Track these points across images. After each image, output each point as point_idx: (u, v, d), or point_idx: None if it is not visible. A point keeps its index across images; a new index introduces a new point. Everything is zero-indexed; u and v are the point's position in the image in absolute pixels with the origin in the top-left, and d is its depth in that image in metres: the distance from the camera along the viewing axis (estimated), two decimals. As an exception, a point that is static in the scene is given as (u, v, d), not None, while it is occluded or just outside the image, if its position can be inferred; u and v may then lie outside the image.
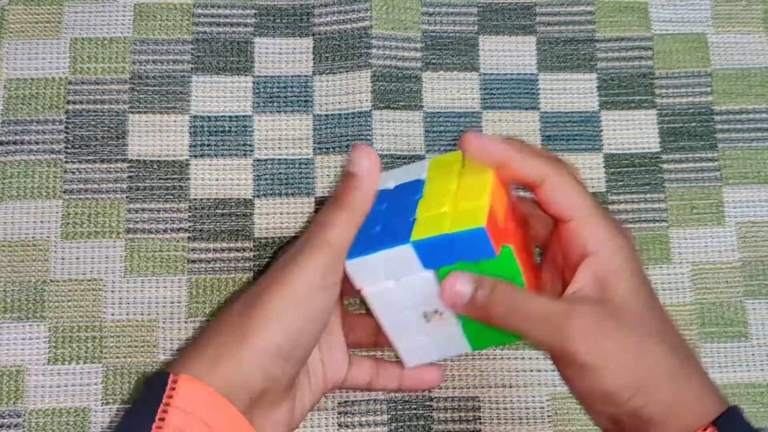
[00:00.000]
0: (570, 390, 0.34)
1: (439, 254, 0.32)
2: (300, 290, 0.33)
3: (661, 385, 0.32)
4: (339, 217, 0.34)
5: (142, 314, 0.44)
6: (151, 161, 0.46)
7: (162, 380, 0.32)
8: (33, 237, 0.45)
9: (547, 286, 0.37)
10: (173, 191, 0.46)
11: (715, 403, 0.33)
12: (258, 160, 0.46)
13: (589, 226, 0.34)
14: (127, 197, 0.45)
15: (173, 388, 0.31)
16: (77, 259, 0.44)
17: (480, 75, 0.48)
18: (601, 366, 0.32)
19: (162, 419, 0.31)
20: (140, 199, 0.45)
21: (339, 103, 0.47)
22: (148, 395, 0.32)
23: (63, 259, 0.44)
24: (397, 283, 0.34)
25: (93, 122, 0.46)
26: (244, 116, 0.47)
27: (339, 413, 0.43)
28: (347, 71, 0.47)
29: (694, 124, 0.48)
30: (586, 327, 0.32)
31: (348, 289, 0.35)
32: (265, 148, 0.47)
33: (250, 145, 0.46)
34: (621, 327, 0.33)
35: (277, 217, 0.46)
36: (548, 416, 0.44)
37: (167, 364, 0.42)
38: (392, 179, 0.36)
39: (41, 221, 0.45)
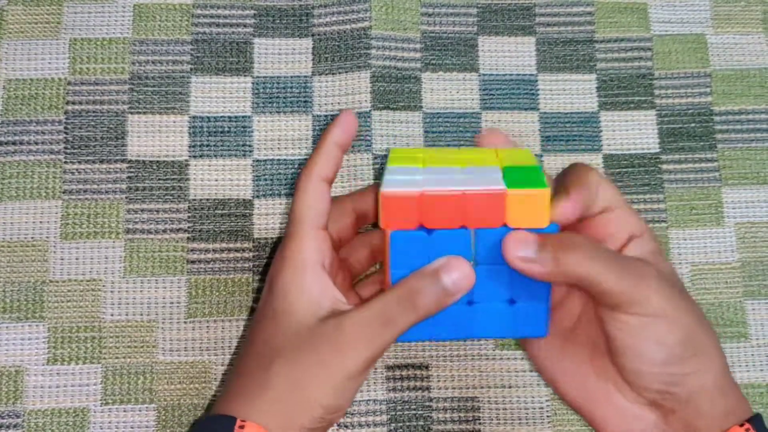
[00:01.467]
0: (619, 356, 0.34)
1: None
2: (342, 378, 0.33)
3: (712, 355, 0.34)
4: (407, 319, 0.33)
5: (141, 314, 0.44)
6: (151, 162, 0.46)
7: (226, 424, 0.32)
8: (32, 237, 0.45)
9: None
10: (172, 192, 0.46)
11: (743, 400, 0.34)
12: (257, 161, 0.46)
13: (630, 215, 0.35)
14: (126, 198, 0.45)
15: None
16: (76, 259, 0.44)
17: (479, 75, 0.48)
18: (670, 317, 0.33)
19: None
20: (139, 199, 0.45)
21: (338, 103, 0.47)
22: None
23: (62, 259, 0.44)
24: (430, 233, 0.34)
25: (92, 123, 0.46)
26: (243, 117, 0.47)
27: (338, 414, 0.43)
28: (346, 72, 0.47)
29: (693, 124, 0.48)
30: (658, 278, 0.33)
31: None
32: (265, 149, 0.47)
33: (250, 146, 0.46)
34: (679, 292, 0.34)
35: (277, 217, 0.46)
36: (548, 416, 0.44)
37: (215, 402, 0.43)
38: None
39: (40, 221, 0.45)
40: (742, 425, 0.33)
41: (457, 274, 0.33)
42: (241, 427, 0.32)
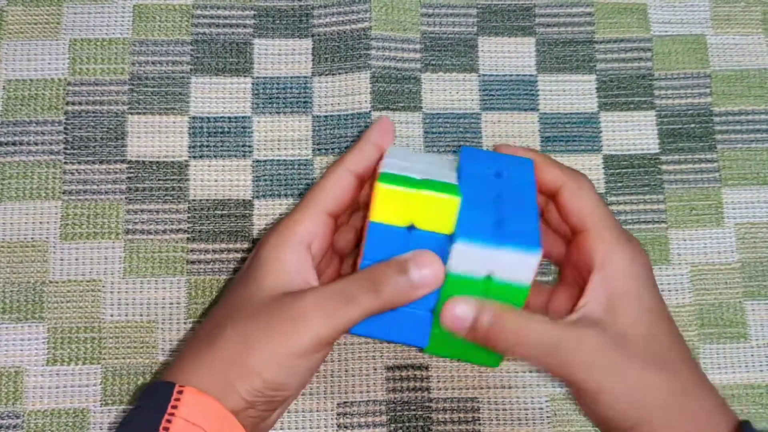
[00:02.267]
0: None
1: (485, 236, 0.32)
2: (288, 351, 0.32)
3: (661, 416, 0.33)
4: (367, 302, 0.32)
5: (141, 315, 0.44)
6: (151, 162, 0.46)
7: (166, 390, 0.32)
8: (32, 238, 0.45)
9: (561, 306, 0.38)
10: (172, 192, 0.46)
11: (722, 422, 0.33)
12: (257, 161, 0.46)
13: (600, 240, 0.34)
14: (126, 198, 0.45)
15: (178, 399, 0.31)
16: (76, 260, 0.44)
17: (479, 76, 0.48)
18: (603, 394, 0.33)
19: (166, 429, 0.31)
20: (139, 200, 0.45)
21: (338, 104, 0.47)
22: (150, 404, 0.32)
23: (62, 260, 0.44)
24: (409, 231, 0.33)
25: (92, 123, 0.46)
26: (243, 117, 0.47)
27: (338, 414, 0.43)
28: (346, 72, 0.47)
29: (693, 125, 0.48)
30: (591, 356, 0.33)
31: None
32: (265, 149, 0.47)
33: (249, 146, 0.46)
34: (623, 355, 0.33)
35: (276, 218, 0.46)
36: (547, 417, 0.44)
37: (162, 371, 0.43)
38: (409, 161, 0.35)
39: (40, 222, 0.45)
40: None
41: (426, 270, 0.32)
42: (180, 392, 0.32)
